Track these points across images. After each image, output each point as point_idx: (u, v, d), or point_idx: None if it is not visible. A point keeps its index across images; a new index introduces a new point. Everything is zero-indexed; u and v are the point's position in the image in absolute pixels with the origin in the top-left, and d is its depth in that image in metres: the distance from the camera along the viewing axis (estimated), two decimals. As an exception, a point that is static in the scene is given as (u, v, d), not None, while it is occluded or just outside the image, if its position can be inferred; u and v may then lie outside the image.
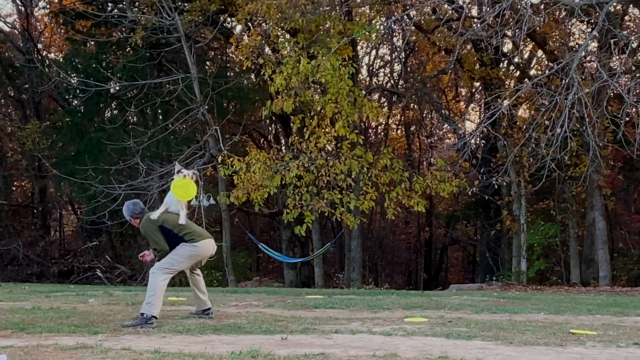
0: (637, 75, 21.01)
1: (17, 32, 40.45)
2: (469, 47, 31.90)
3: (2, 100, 41.63)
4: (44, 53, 40.95)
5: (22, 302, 13.57)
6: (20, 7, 39.28)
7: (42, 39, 41.47)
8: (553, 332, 9.02)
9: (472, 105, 43.12)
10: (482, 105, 34.21)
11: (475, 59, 31.67)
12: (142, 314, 9.63)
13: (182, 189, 10.15)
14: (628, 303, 15.46)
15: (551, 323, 10.19)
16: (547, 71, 23.79)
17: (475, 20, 26.05)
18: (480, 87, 36.70)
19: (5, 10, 66.08)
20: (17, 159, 38.22)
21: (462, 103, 43.49)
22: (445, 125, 40.12)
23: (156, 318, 9.62)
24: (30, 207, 41.62)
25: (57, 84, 32.64)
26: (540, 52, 32.37)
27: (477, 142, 32.62)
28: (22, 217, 41.09)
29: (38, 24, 41.20)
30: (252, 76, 33.86)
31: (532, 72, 32.37)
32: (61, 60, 36.21)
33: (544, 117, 20.79)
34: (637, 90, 20.39)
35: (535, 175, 24.83)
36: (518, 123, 30.12)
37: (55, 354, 7.21)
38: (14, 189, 43.37)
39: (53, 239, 41.92)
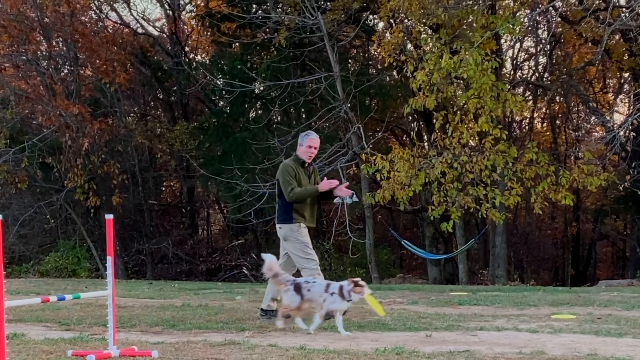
0: None
1: (165, 35, 41.50)
2: (617, 37, 31.01)
3: (152, 103, 42.79)
4: (191, 56, 41.91)
5: (172, 300, 13.99)
6: (168, 11, 40.31)
7: (189, 42, 42.41)
8: None
9: (621, 96, 41.92)
10: (632, 97, 33.22)
11: (624, 49, 30.77)
12: None
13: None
14: None
15: None
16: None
17: (624, 9, 25.34)
18: (630, 78, 35.63)
19: (154, 14, 68.14)
20: (166, 159, 39.23)
21: (610, 95, 42.31)
22: (593, 118, 39.11)
23: None
24: (179, 206, 42.65)
25: (203, 86, 33.37)
26: (692, 41, 31.21)
27: (627, 134, 31.63)
28: (171, 217, 42.16)
29: (185, 27, 42.16)
30: (394, 73, 33.81)
31: (685, 61, 31.25)
32: (207, 62, 37.06)
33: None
34: None
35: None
36: (670, 114, 29.13)
37: (204, 350, 7.40)
38: (163, 189, 44.54)
39: (201, 237, 42.84)
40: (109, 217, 7.35)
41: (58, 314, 11.34)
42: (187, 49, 41.44)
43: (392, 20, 27.12)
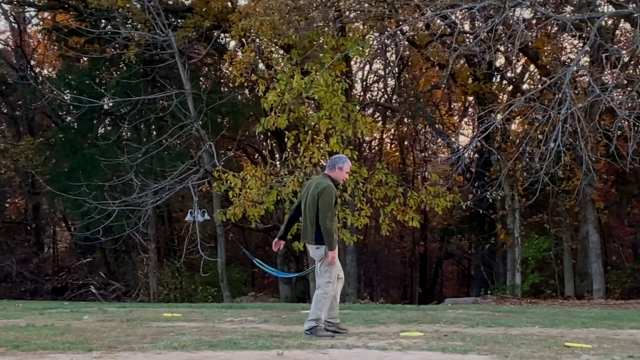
0: (629, 89, 21.11)
1: (10, 48, 40.46)
2: (462, 62, 31.98)
3: (-5, 117, 41.60)
4: (37, 70, 40.97)
5: (16, 320, 13.56)
6: (13, 23, 39.32)
7: (35, 56, 41.48)
8: (548, 345, 9.05)
9: (465, 119, 43.26)
10: (476, 120, 34.30)
11: (469, 73, 31.78)
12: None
13: None
14: (622, 316, 15.51)
15: (546, 336, 10.22)
16: (539, 86, 23.93)
17: (468, 35, 26.20)
18: (474, 102, 36.80)
19: (-2, 27, 66.08)
20: (10, 175, 38.18)
21: (455, 117, 43.58)
22: (439, 140, 40.17)
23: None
24: (24, 224, 41.53)
25: (50, 101, 32.63)
26: (532, 67, 32.49)
27: (471, 156, 32.64)
28: (15, 234, 40.97)
29: (31, 40, 41.22)
30: (246, 92, 33.92)
31: (525, 86, 32.50)
32: (54, 76, 36.26)
33: (537, 132, 20.91)
34: (629, 104, 20.47)
35: (529, 189, 24.89)
36: (511, 137, 30.21)
37: (51, 371, 7.22)
38: (7, 205, 43.28)
39: (47, 255, 41.85)
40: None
41: None
42: (33, 62, 40.47)
43: (243, 40, 27.19)
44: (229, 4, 28.59)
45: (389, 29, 25.51)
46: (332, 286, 10.18)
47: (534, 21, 25.11)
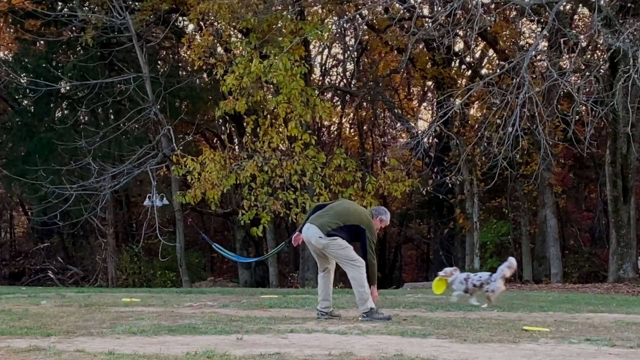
0: (587, 73, 21.26)
1: (-36, 31, 39.91)
2: (421, 46, 32.06)
3: (-51, 101, 40.99)
4: (-7, 52, 40.42)
5: (-28, 305, 13.40)
6: (-33, 6, 38.76)
7: (-9, 39, 40.93)
8: (506, 329, 9.09)
9: (424, 104, 43.36)
10: (435, 104, 34.42)
11: (427, 58, 31.85)
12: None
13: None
14: (579, 300, 15.67)
15: (504, 320, 10.27)
16: (498, 70, 23.99)
17: (427, 19, 26.26)
18: (433, 86, 36.91)
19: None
20: (-35, 159, 37.71)
21: (414, 102, 43.65)
22: (398, 125, 40.20)
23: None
24: (-20, 208, 41.11)
25: (6, 84, 32.21)
26: (491, 52, 32.66)
27: (430, 141, 32.77)
28: (-30, 219, 40.60)
29: (-14, 23, 40.67)
30: (205, 76, 33.73)
31: (484, 71, 32.67)
32: (10, 59, 35.74)
33: (496, 116, 21.00)
34: (587, 89, 20.65)
35: (488, 173, 25.04)
36: (470, 122, 30.36)
37: (7, 357, 7.12)
38: (-38, 190, 42.81)
39: (3, 240, 41.46)
40: None
41: None
42: (-12, 45, 39.89)
43: (202, 23, 27.06)
44: (187, -14, 28.41)
45: (347, 13, 25.49)
46: (360, 261, 10.43)
47: (493, 5, 25.22)
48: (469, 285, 12.59)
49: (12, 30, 35.61)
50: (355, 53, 36.03)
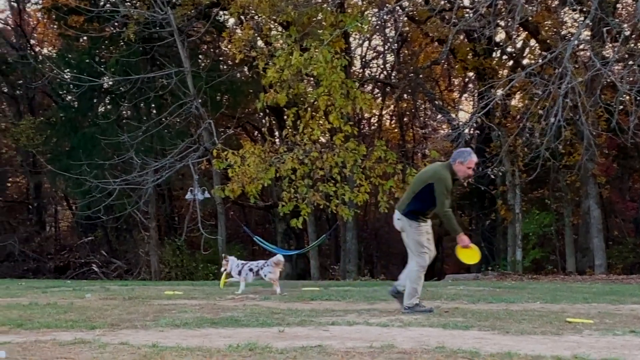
0: (630, 63, 21.03)
1: (9, 28, 40.32)
2: (461, 37, 31.85)
3: (-4, 97, 41.54)
4: (37, 49, 40.85)
5: (19, 298, 13.57)
6: (12, 3, 39.16)
7: (35, 35, 41.34)
8: (549, 321, 9.03)
9: (465, 95, 43.13)
10: (476, 95, 34.24)
11: (468, 49, 31.64)
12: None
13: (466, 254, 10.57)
14: (624, 291, 15.51)
15: (547, 312, 10.22)
16: (540, 60, 23.79)
17: (468, 10, 26.06)
18: (474, 77, 36.68)
19: (-3, 6, 65.87)
20: (11, 155, 38.18)
21: (455, 93, 43.44)
22: (439, 116, 40.07)
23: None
24: (26, 203, 41.59)
25: (50, 80, 32.57)
26: (533, 42, 32.34)
27: (471, 132, 32.54)
28: (17, 213, 41.06)
29: (31, 19, 41.06)
30: (245, 69, 33.82)
31: (525, 61, 32.35)
32: (54, 55, 36.15)
33: (538, 107, 20.85)
34: (630, 78, 20.41)
35: (530, 164, 24.86)
36: (512, 112, 30.10)
37: (53, 350, 7.20)
38: (9, 185, 43.35)
39: (49, 234, 41.89)
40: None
41: None
42: (33, 42, 40.32)
43: (242, 17, 27.11)
44: (228, -19, 28.48)
45: (388, 5, 25.39)
46: (426, 257, 10.29)
47: (534, -5, 24.98)
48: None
49: (55, 26, 35.99)
50: (396, 45, 35.88)
